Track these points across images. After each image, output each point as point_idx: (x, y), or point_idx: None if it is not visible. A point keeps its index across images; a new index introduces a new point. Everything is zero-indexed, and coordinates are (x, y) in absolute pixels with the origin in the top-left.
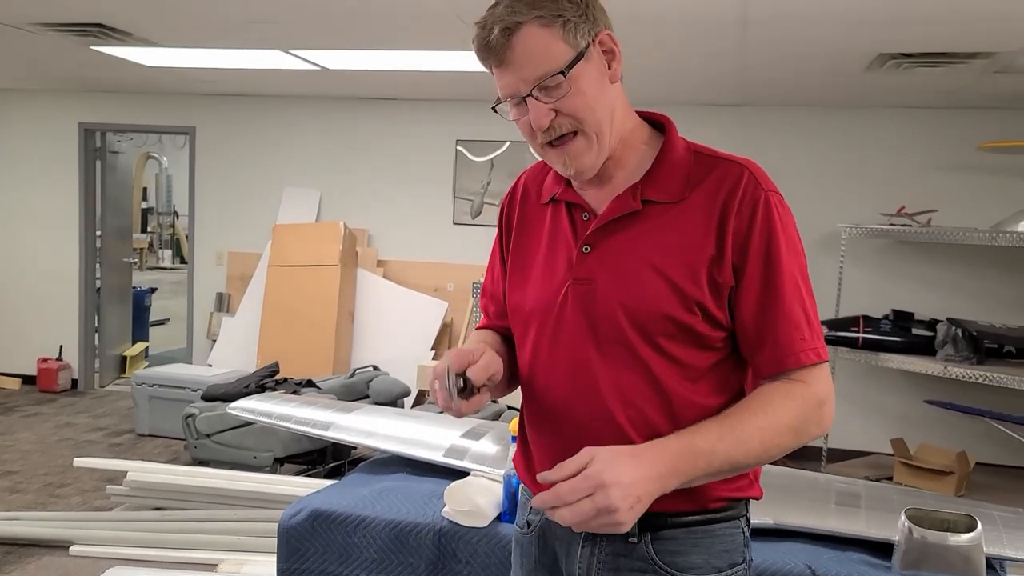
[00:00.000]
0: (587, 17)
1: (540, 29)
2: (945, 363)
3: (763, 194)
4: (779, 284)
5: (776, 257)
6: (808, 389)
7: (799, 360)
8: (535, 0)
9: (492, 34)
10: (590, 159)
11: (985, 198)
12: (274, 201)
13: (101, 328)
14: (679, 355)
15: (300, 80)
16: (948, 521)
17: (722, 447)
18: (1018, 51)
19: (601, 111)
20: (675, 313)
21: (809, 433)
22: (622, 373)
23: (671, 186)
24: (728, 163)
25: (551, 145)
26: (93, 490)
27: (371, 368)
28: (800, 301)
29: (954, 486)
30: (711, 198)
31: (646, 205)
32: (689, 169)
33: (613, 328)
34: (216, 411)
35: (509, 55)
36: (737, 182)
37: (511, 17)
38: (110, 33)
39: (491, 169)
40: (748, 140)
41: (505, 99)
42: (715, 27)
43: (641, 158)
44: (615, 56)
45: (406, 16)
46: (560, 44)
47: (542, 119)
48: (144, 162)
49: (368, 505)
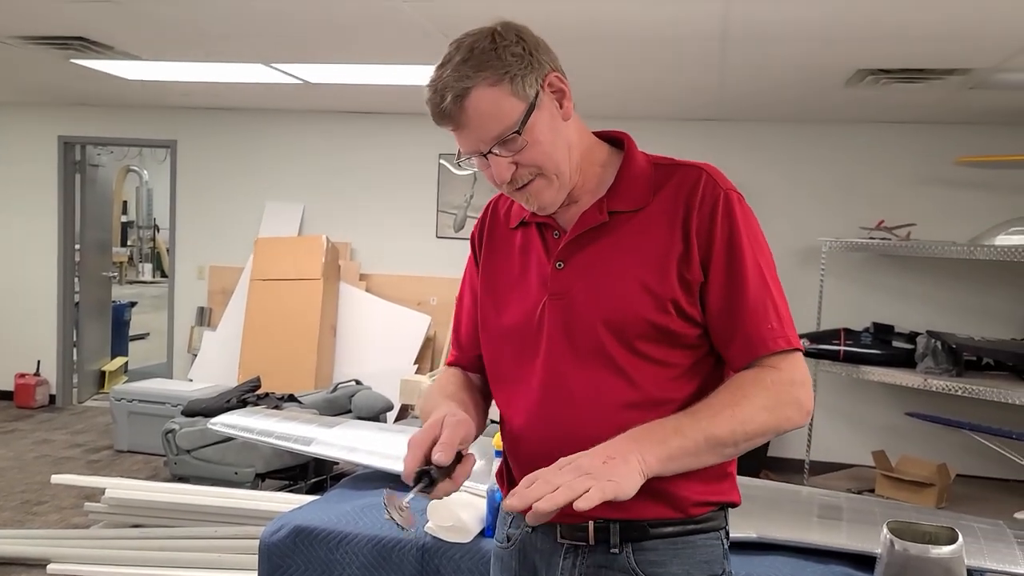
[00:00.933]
0: (532, 65)
1: (489, 89)
2: (925, 375)
3: (721, 192)
4: (743, 276)
5: (739, 250)
6: (778, 373)
7: (768, 347)
8: (480, 60)
9: (445, 101)
10: (551, 196)
11: (963, 212)
12: (256, 215)
13: (80, 343)
14: (657, 356)
15: (282, 94)
16: (929, 534)
17: (689, 420)
18: (993, 68)
19: (558, 153)
20: (650, 315)
21: (786, 415)
22: (602, 383)
23: (634, 195)
24: (687, 167)
25: (515, 189)
26: (71, 507)
27: (354, 383)
28: (766, 292)
29: (935, 498)
30: (673, 200)
31: (613, 216)
32: (650, 178)
33: (591, 337)
34: (196, 426)
35: (463, 119)
36: (696, 183)
37: (459, 83)
38: (91, 46)
39: (474, 183)
40: (728, 155)
41: (467, 156)
42: (695, 43)
43: (603, 176)
44: (565, 95)
45: (388, 30)
46: (510, 100)
47: (504, 173)
48: (124, 175)
49: (351, 521)
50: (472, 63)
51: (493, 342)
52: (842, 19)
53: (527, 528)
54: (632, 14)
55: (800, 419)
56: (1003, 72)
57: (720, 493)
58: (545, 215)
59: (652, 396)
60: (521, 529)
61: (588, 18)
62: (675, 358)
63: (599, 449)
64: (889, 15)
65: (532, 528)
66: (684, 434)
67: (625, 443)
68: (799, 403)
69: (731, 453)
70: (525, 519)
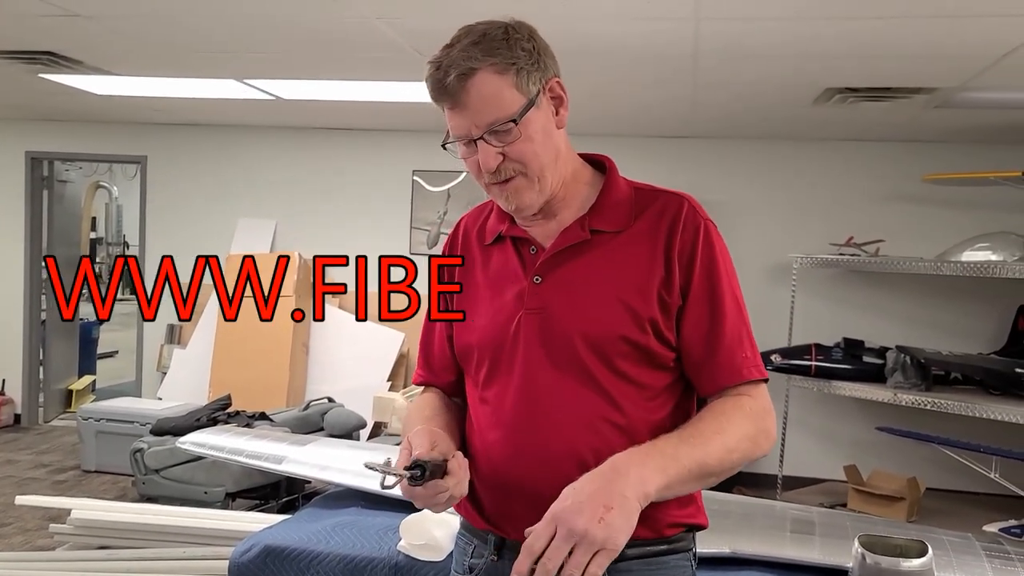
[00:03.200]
0: (539, 65)
1: (494, 76)
2: (895, 390)
3: (702, 222)
4: (721, 305)
5: (717, 279)
6: (754, 401)
7: (743, 375)
8: (490, 46)
9: (448, 77)
10: (530, 197)
11: (930, 228)
12: (228, 231)
13: (46, 361)
14: (634, 375)
15: (255, 110)
16: (900, 547)
17: (685, 448)
18: (958, 87)
19: (546, 156)
20: (629, 333)
21: (760, 443)
22: (579, 398)
23: (616, 217)
24: (668, 195)
25: (496, 183)
26: (36, 529)
27: (326, 400)
28: (742, 321)
29: (906, 512)
30: (655, 225)
31: (594, 235)
32: (631, 202)
33: (569, 353)
34: (166, 445)
35: (464, 99)
36: (679, 211)
37: (467, 63)
38: (60, 61)
39: (448, 199)
40: (699, 172)
41: (455, 138)
42: (666, 61)
43: (585, 195)
44: (563, 103)
45: (362, 47)
46: (512, 91)
47: (491, 162)
48: (94, 192)
49: (322, 540)
50: (483, 47)
51: (466, 358)
52: (810, 38)
53: (492, 557)
54: (604, 32)
55: (768, 448)
56: (967, 91)
57: (690, 516)
58: (522, 225)
59: (629, 413)
60: (485, 559)
61: (560, 35)
62: (650, 379)
63: (594, 493)
64: (856, 34)
65: (498, 556)
66: (680, 462)
67: (624, 472)
68: (769, 432)
69: (713, 481)
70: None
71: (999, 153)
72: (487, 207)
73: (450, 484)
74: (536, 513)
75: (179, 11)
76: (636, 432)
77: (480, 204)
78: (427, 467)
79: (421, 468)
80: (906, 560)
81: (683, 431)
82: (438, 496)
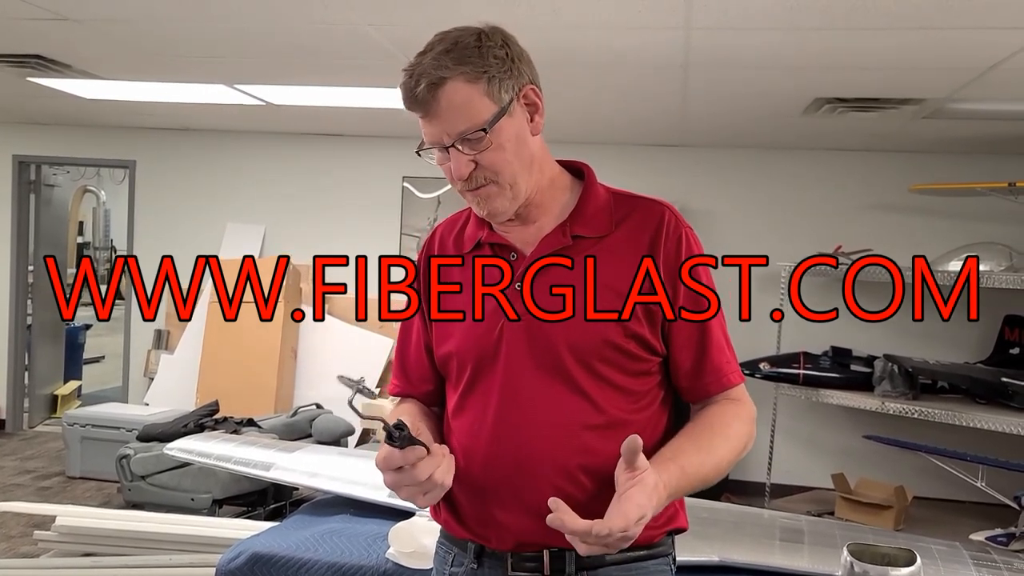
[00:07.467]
0: (512, 72)
1: (465, 84)
2: (883, 399)
3: (684, 230)
4: (707, 313)
5: (702, 289)
6: (744, 407)
7: (731, 381)
8: (462, 55)
9: (419, 86)
10: (502, 204)
11: (917, 238)
12: (216, 236)
13: (32, 366)
14: (618, 380)
15: (244, 115)
16: (888, 555)
17: (696, 457)
18: (945, 98)
19: (518, 164)
20: (613, 337)
21: (748, 447)
22: (562, 404)
23: (597, 223)
24: (648, 202)
25: (469, 190)
26: (19, 536)
27: (314, 407)
28: (722, 326)
29: (893, 520)
30: (637, 233)
31: (576, 240)
32: (612, 208)
33: (553, 359)
34: (152, 452)
35: (434, 108)
36: (661, 218)
37: (437, 72)
38: (48, 65)
39: (438, 206)
40: (689, 180)
41: (429, 146)
42: (657, 71)
43: (564, 202)
44: (538, 110)
45: (352, 53)
46: (484, 100)
47: (462, 170)
48: (81, 196)
49: (310, 547)
50: (454, 55)
51: (447, 366)
52: (800, 49)
53: (472, 565)
54: (595, 41)
55: (749, 448)
56: (955, 102)
57: (672, 520)
58: (500, 232)
59: (613, 418)
60: (466, 567)
61: (551, 44)
62: (633, 384)
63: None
64: (845, 46)
65: (478, 564)
66: (692, 484)
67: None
68: (752, 437)
69: (709, 485)
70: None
71: (986, 164)
72: (463, 215)
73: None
74: (516, 520)
75: (168, 16)
76: (618, 437)
77: (456, 212)
78: (406, 428)
79: (400, 429)
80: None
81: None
82: (418, 469)
